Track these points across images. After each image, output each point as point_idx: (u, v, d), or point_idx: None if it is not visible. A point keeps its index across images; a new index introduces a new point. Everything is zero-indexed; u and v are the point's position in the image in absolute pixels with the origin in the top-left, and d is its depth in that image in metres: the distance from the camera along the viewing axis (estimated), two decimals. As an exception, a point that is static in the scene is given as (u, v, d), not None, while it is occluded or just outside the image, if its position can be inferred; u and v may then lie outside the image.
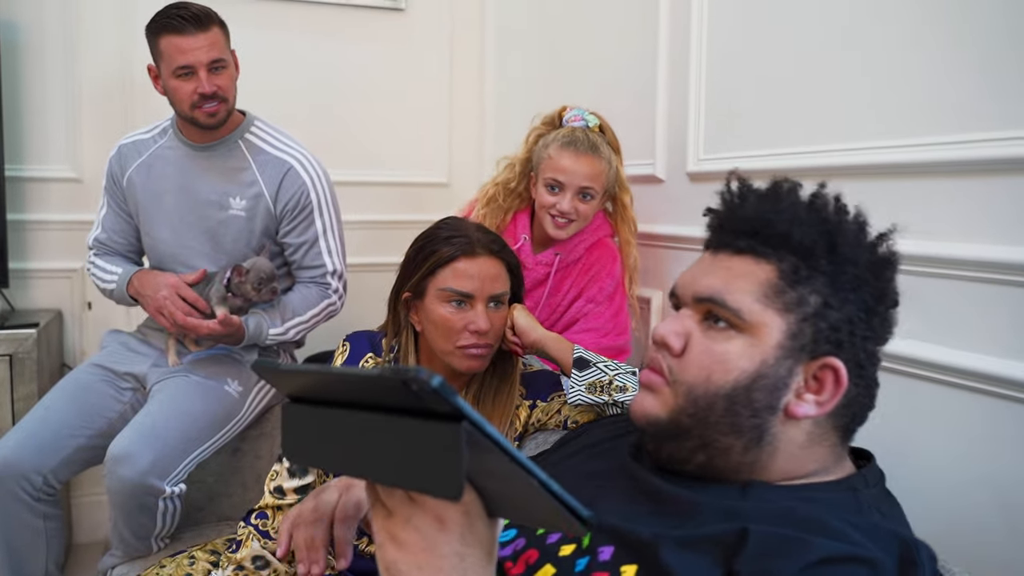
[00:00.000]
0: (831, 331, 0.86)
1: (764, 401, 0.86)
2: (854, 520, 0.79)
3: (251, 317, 1.99)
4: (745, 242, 0.90)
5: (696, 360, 0.88)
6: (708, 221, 0.99)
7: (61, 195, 2.63)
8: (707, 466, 0.88)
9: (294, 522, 0.94)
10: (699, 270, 0.94)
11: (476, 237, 1.44)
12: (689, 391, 0.88)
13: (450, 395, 0.50)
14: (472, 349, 1.42)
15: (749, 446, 0.86)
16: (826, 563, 0.72)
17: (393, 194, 3.01)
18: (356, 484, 0.96)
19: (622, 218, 1.93)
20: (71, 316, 2.69)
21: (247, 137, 2.07)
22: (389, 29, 2.96)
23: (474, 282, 1.41)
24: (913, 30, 1.31)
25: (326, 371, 0.59)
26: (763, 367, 0.86)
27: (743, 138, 1.74)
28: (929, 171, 1.28)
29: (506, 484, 0.57)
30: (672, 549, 0.77)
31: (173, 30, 1.87)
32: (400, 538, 0.59)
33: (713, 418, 0.86)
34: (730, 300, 0.87)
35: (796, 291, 0.86)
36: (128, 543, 1.87)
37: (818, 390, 0.86)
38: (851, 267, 0.87)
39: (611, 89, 2.24)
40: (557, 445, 1.19)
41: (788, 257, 0.87)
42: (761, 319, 0.86)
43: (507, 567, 0.86)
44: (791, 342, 0.86)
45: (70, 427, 1.92)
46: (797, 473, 0.88)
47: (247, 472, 2.14)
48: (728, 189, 0.97)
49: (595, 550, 0.83)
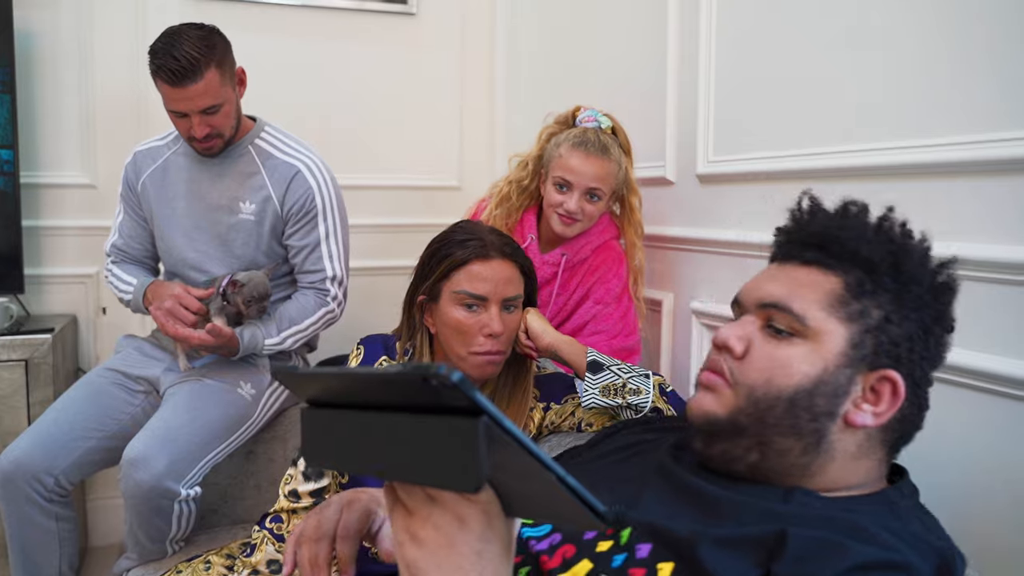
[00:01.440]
0: (891, 345, 0.88)
1: (825, 407, 0.88)
2: (893, 527, 0.81)
3: (246, 328, 2.00)
4: (812, 254, 0.94)
5: (758, 363, 0.91)
6: (775, 236, 1.02)
7: (76, 201, 2.65)
8: (758, 466, 0.90)
9: (298, 540, 0.95)
10: (764, 278, 0.97)
11: (490, 240, 1.45)
12: (750, 392, 0.90)
13: (469, 390, 0.50)
14: (484, 356, 1.43)
15: (807, 449, 0.89)
16: (864, 568, 0.73)
17: (405, 197, 3.03)
18: (358, 500, 0.96)
19: (629, 221, 1.94)
20: (86, 321, 2.71)
21: (257, 143, 2.08)
22: (400, 33, 2.98)
23: (488, 285, 1.42)
24: (924, 30, 1.31)
25: (345, 372, 0.59)
26: (825, 373, 0.88)
27: (753, 140, 1.74)
28: (942, 172, 1.28)
29: (524, 480, 0.57)
30: (710, 548, 0.79)
31: (164, 79, 1.85)
32: (420, 536, 0.60)
33: (772, 419, 0.89)
34: (795, 306, 0.90)
35: (860, 303, 0.89)
36: (143, 546, 1.88)
37: (875, 401, 0.89)
38: (915, 287, 0.90)
39: (621, 91, 2.25)
40: (589, 445, 1.20)
41: (854, 271, 0.91)
42: (824, 326, 0.89)
43: (543, 560, 0.87)
44: (852, 351, 0.88)
45: (82, 429, 1.93)
46: (843, 484, 0.90)
47: (261, 475, 2.14)
48: (799, 206, 1.00)
49: (633, 547, 0.84)
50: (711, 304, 1.88)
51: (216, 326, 1.90)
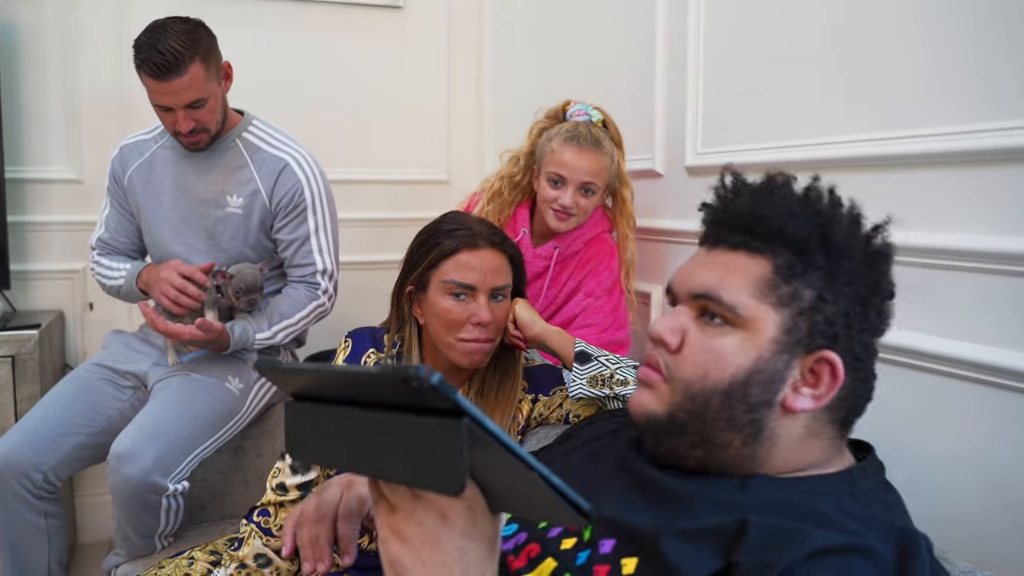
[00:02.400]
0: (826, 325, 0.86)
1: (761, 396, 0.86)
2: (852, 511, 0.80)
3: (237, 323, 1.99)
4: (739, 237, 0.91)
5: (692, 357, 0.89)
6: (703, 216, 0.99)
7: (62, 196, 2.64)
8: (706, 461, 0.89)
9: (298, 520, 0.95)
10: (694, 266, 0.94)
11: (478, 230, 1.45)
12: (686, 388, 0.88)
13: (450, 392, 0.50)
14: (473, 344, 1.43)
15: (747, 441, 0.87)
16: (824, 553, 0.73)
17: (393, 192, 3.02)
18: (358, 481, 0.96)
19: (621, 213, 1.94)
20: (73, 317, 2.70)
21: (244, 136, 2.08)
22: (388, 27, 2.97)
23: (476, 274, 1.42)
24: (909, 21, 1.31)
25: (327, 369, 0.59)
26: (759, 362, 0.86)
27: (741, 131, 1.74)
28: (927, 162, 1.28)
29: (507, 479, 0.57)
30: (672, 541, 0.77)
31: (148, 74, 1.84)
32: (403, 533, 0.60)
33: (710, 414, 0.86)
34: (725, 296, 0.87)
35: (791, 285, 0.86)
36: (132, 542, 1.87)
37: (814, 384, 0.86)
38: (846, 260, 0.87)
39: (609, 84, 2.24)
40: (560, 439, 1.19)
41: (782, 252, 0.88)
42: (756, 314, 0.86)
43: (509, 560, 0.87)
44: (786, 336, 0.86)
45: (70, 424, 1.93)
46: (795, 466, 0.88)
47: (249, 470, 2.14)
48: (722, 184, 0.97)
49: (596, 543, 0.83)
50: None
51: (206, 321, 1.89)
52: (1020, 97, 1.13)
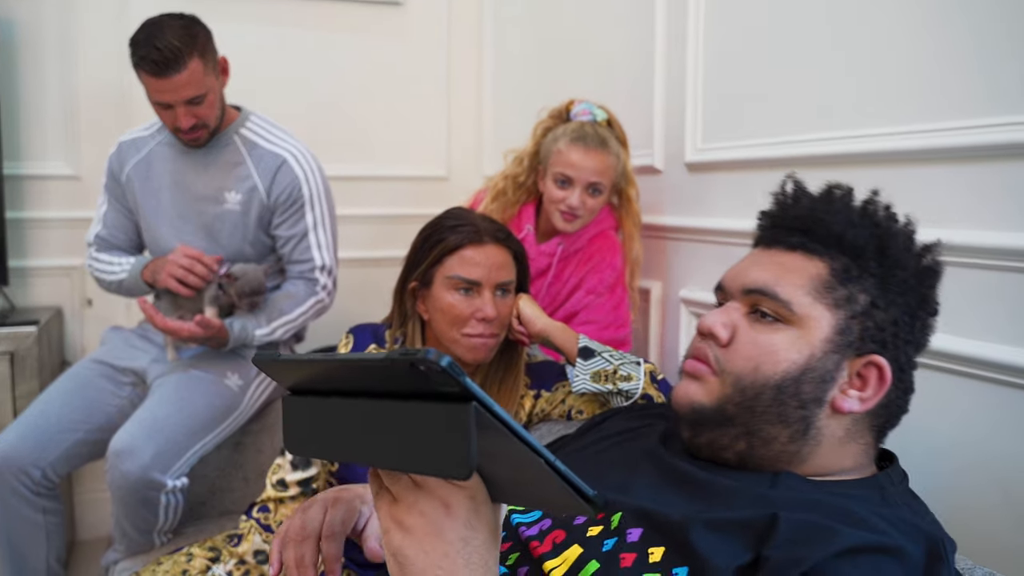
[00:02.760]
0: (877, 330, 0.89)
1: (812, 393, 0.88)
2: (882, 512, 0.81)
3: (236, 319, 1.99)
4: (798, 239, 0.94)
5: (743, 350, 0.91)
6: (759, 221, 1.02)
7: (60, 193, 2.63)
8: (746, 454, 0.90)
9: (283, 540, 0.95)
10: (748, 263, 0.97)
11: (483, 226, 1.45)
12: (737, 380, 0.90)
13: (459, 375, 0.50)
14: (478, 339, 1.43)
15: (795, 436, 0.89)
16: (855, 552, 0.73)
17: (392, 188, 3.01)
18: (342, 498, 0.96)
19: (627, 211, 1.94)
20: (71, 313, 2.70)
21: (242, 132, 2.07)
22: (387, 23, 2.96)
23: (481, 269, 1.42)
24: (908, 17, 1.31)
25: (329, 359, 0.59)
26: (811, 360, 0.88)
27: (741, 127, 1.74)
28: (931, 158, 1.28)
29: (513, 466, 0.57)
30: (701, 531, 0.78)
31: (147, 70, 1.84)
32: (406, 523, 0.60)
33: (760, 407, 0.88)
34: (781, 292, 0.90)
35: (846, 288, 0.89)
36: (131, 538, 1.87)
37: (862, 387, 0.89)
38: (900, 271, 0.90)
39: (608, 80, 2.24)
40: (578, 433, 1.20)
41: (839, 256, 0.91)
42: (810, 312, 0.89)
43: (533, 546, 0.87)
44: (839, 337, 0.88)
45: (69, 421, 1.93)
46: (830, 469, 0.90)
47: (249, 466, 2.14)
48: (783, 190, 1.00)
49: (624, 531, 0.83)
50: (699, 292, 1.88)
51: (205, 318, 1.89)
52: (1021, 93, 1.13)
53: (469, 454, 0.51)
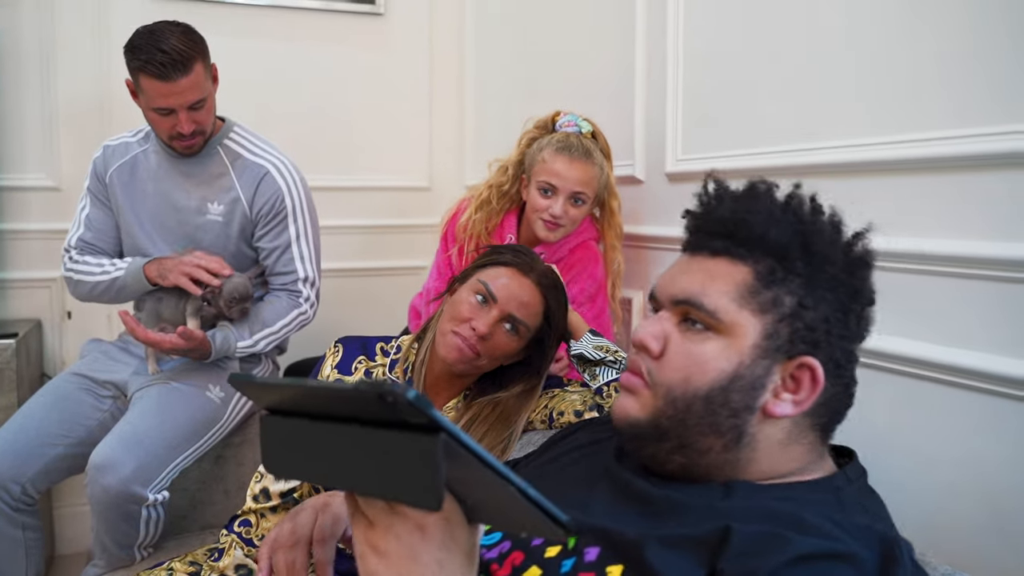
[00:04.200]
0: (807, 331, 0.87)
1: (742, 401, 0.86)
2: (836, 517, 0.80)
3: (218, 331, 1.98)
4: (721, 243, 0.91)
5: (674, 362, 0.89)
6: (685, 222, 0.99)
7: (39, 204, 2.62)
8: (687, 466, 0.89)
9: (272, 546, 0.95)
10: (676, 272, 0.95)
11: (539, 267, 1.49)
12: (668, 392, 0.88)
13: (426, 407, 0.50)
14: (459, 339, 1.43)
15: (728, 446, 0.87)
16: (807, 559, 0.73)
17: (375, 199, 3.02)
18: (332, 504, 0.96)
19: (609, 223, 1.95)
20: (51, 326, 2.67)
21: (226, 143, 2.07)
22: (369, 34, 2.97)
23: (506, 292, 1.44)
24: (885, 29, 1.32)
25: (302, 384, 0.59)
26: (740, 367, 0.86)
27: (721, 138, 1.75)
28: (904, 168, 1.29)
29: (485, 492, 0.58)
30: (656, 549, 0.78)
31: (153, 75, 1.83)
32: (381, 548, 0.60)
33: (692, 420, 0.87)
34: (707, 302, 0.88)
35: (772, 291, 0.87)
36: (111, 552, 1.86)
37: (795, 389, 0.87)
38: (827, 267, 0.88)
39: (590, 92, 2.25)
40: (543, 448, 1.20)
41: (764, 258, 0.88)
42: (737, 320, 0.87)
43: (493, 569, 0.87)
44: (767, 342, 0.87)
45: (49, 436, 1.91)
46: (777, 472, 0.89)
47: (230, 479, 2.13)
48: (705, 190, 0.97)
49: (581, 551, 0.83)
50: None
51: (187, 329, 1.88)
52: (1006, 102, 1.14)
53: (438, 485, 0.51)
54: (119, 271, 2.02)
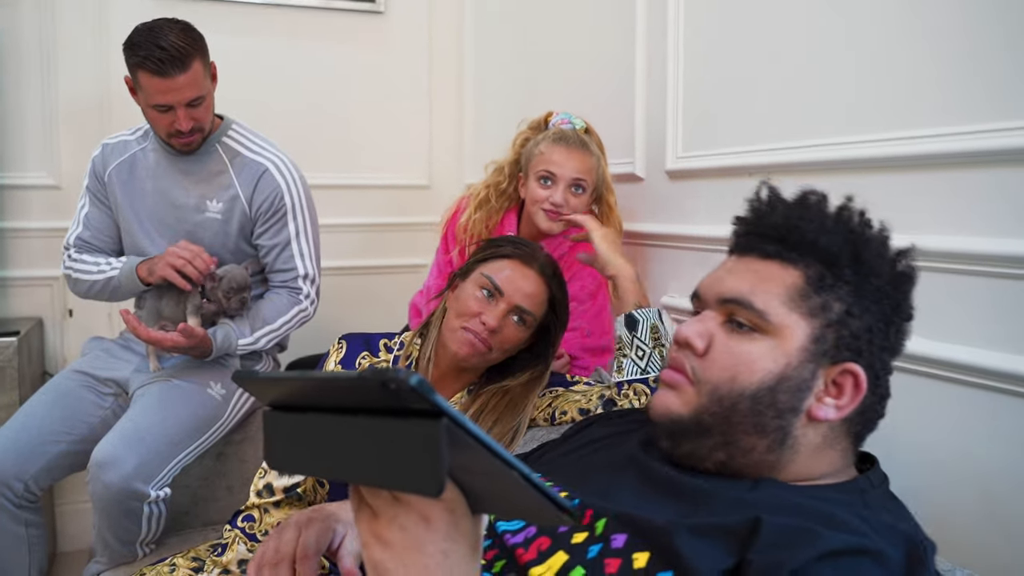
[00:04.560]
0: (852, 338, 0.89)
1: (788, 403, 0.88)
2: (863, 515, 0.81)
3: (219, 328, 1.98)
4: (773, 247, 0.93)
5: (720, 360, 0.91)
6: (735, 227, 1.02)
7: (40, 203, 2.62)
8: (725, 464, 0.90)
9: (258, 564, 0.96)
10: (724, 272, 0.97)
11: (540, 256, 1.50)
12: (714, 390, 0.90)
13: (429, 393, 0.50)
14: (471, 334, 1.45)
15: (772, 446, 0.89)
16: (836, 555, 0.74)
17: (374, 197, 3.02)
18: (315, 519, 0.96)
19: (608, 218, 1.95)
20: (52, 324, 2.68)
21: (224, 141, 2.08)
22: (368, 32, 2.97)
23: (512, 285, 1.46)
24: (885, 25, 1.33)
25: (306, 377, 0.59)
26: (787, 369, 0.88)
27: (721, 135, 1.75)
28: (904, 165, 1.29)
29: (489, 479, 0.58)
30: (685, 536, 0.78)
31: (151, 71, 1.83)
32: (386, 538, 0.60)
33: (737, 417, 0.89)
34: (757, 301, 0.90)
35: (821, 297, 0.89)
36: (113, 549, 1.86)
37: (838, 394, 0.89)
38: (874, 278, 0.90)
39: (589, 90, 2.26)
40: (562, 439, 1.21)
41: (814, 264, 0.91)
42: (786, 322, 0.89)
43: (519, 553, 0.87)
44: (814, 346, 0.88)
45: (51, 433, 1.91)
46: (809, 475, 0.91)
47: (232, 476, 2.13)
48: (758, 196, 0.99)
49: (608, 537, 0.84)
50: (681, 299, 1.90)
51: (188, 327, 1.88)
52: (1000, 100, 1.14)
53: (440, 471, 0.51)
54: (114, 271, 2.03)
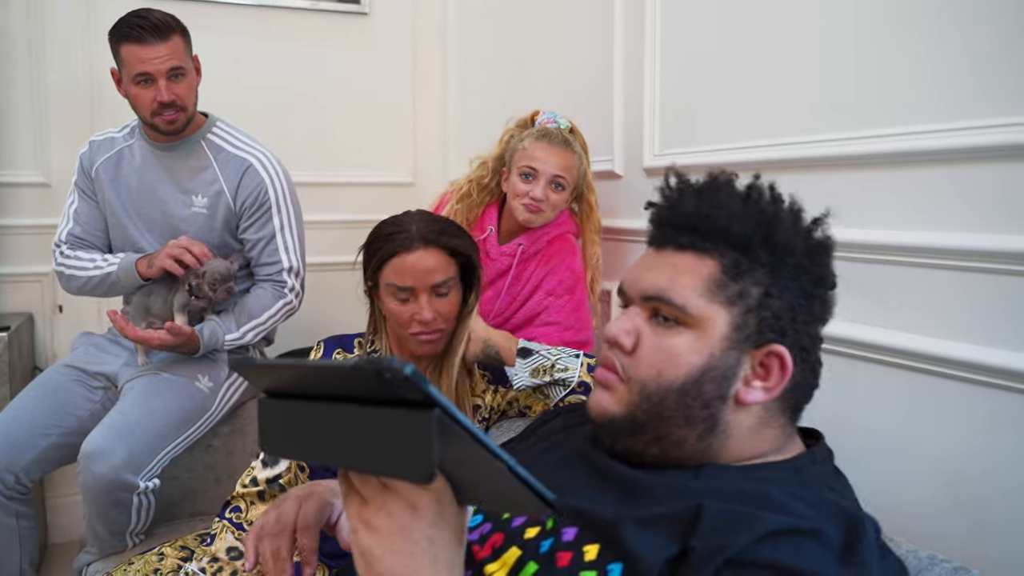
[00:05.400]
0: (774, 319, 0.89)
1: (714, 392, 0.89)
2: (801, 494, 0.83)
3: (206, 325, 2.01)
4: (686, 238, 0.93)
5: (647, 357, 0.91)
6: (649, 216, 1.01)
7: (30, 200, 2.64)
8: (662, 457, 0.92)
9: (258, 535, 0.97)
10: (643, 268, 0.97)
11: (414, 230, 1.50)
12: (643, 387, 0.91)
13: (422, 383, 0.52)
14: (423, 336, 1.51)
15: (703, 435, 0.90)
16: (774, 536, 0.76)
17: (360, 194, 3.05)
18: (315, 492, 0.98)
19: (587, 217, 1.99)
20: (42, 319, 2.70)
21: (209, 137, 2.11)
22: (353, 33, 3.00)
23: (412, 276, 1.48)
24: (872, 20, 1.33)
25: (301, 365, 0.61)
26: (711, 359, 0.89)
27: (698, 133, 1.78)
28: (881, 162, 1.31)
29: (475, 470, 0.60)
30: (632, 528, 0.80)
31: (133, 39, 1.89)
32: (374, 524, 0.62)
33: (666, 412, 0.89)
34: (676, 297, 0.90)
35: (738, 284, 0.89)
36: (103, 540, 1.89)
37: (765, 376, 0.90)
38: (789, 256, 0.90)
39: (569, 89, 2.29)
40: (521, 437, 1.22)
41: (728, 251, 0.91)
42: (706, 313, 0.89)
43: (475, 550, 0.89)
44: (736, 333, 0.89)
45: (41, 426, 1.94)
46: (749, 455, 0.92)
47: (220, 468, 2.16)
48: (667, 184, 0.99)
49: (559, 531, 0.85)
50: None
51: (175, 325, 1.92)
52: (991, 96, 1.15)
53: (431, 459, 0.53)
54: (111, 266, 2.05)
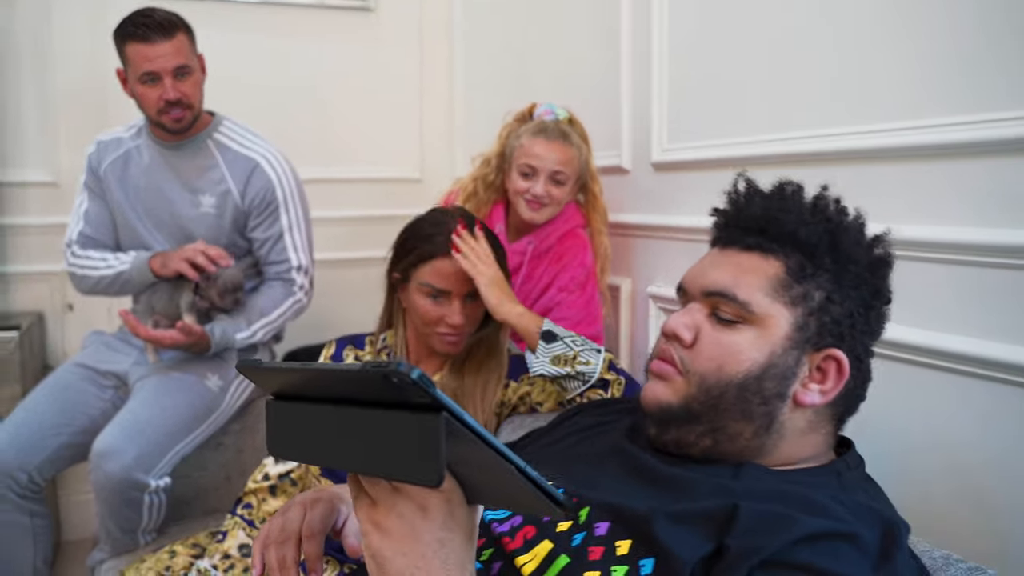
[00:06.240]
0: (834, 324, 0.92)
1: (774, 389, 0.91)
2: (840, 497, 0.84)
3: (216, 325, 2.02)
4: (753, 239, 0.96)
5: (707, 351, 0.94)
6: (715, 220, 1.05)
7: (39, 199, 2.65)
8: (711, 450, 0.93)
9: (264, 543, 0.97)
10: (707, 265, 1.00)
11: (448, 233, 1.51)
12: (702, 380, 0.93)
13: (429, 387, 0.52)
14: (448, 337, 1.52)
15: (759, 432, 0.92)
16: (812, 539, 0.77)
17: (367, 190, 3.05)
18: (321, 498, 0.98)
19: (593, 207, 1.99)
20: (53, 318, 2.71)
21: (216, 136, 2.11)
22: (359, 29, 3.00)
23: (450, 281, 1.50)
24: (876, 16, 1.33)
25: (308, 368, 0.61)
26: (772, 357, 0.91)
27: (706, 128, 1.78)
28: (886, 156, 1.31)
29: (485, 471, 0.60)
30: (665, 524, 0.81)
31: (138, 38, 1.90)
32: (384, 526, 0.62)
33: (724, 405, 0.92)
34: (740, 293, 0.93)
35: (802, 286, 0.92)
36: (115, 538, 1.90)
37: (822, 379, 0.93)
38: (852, 265, 0.93)
39: (576, 84, 2.29)
40: (549, 427, 1.23)
41: (794, 254, 0.94)
42: (769, 311, 0.92)
43: (505, 542, 0.89)
44: (798, 334, 0.92)
45: (53, 425, 1.95)
46: (793, 459, 0.94)
47: (231, 466, 2.17)
48: (735, 189, 1.02)
49: (591, 525, 0.86)
50: (667, 288, 1.93)
51: (187, 324, 1.92)
52: (987, 92, 1.15)
53: (439, 463, 0.53)
54: (124, 265, 2.06)
